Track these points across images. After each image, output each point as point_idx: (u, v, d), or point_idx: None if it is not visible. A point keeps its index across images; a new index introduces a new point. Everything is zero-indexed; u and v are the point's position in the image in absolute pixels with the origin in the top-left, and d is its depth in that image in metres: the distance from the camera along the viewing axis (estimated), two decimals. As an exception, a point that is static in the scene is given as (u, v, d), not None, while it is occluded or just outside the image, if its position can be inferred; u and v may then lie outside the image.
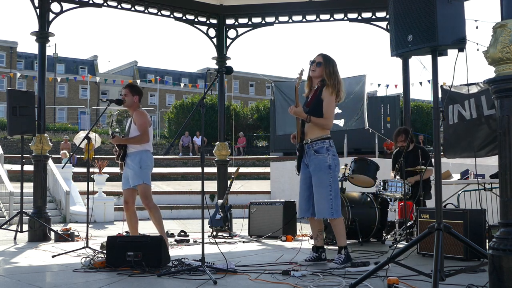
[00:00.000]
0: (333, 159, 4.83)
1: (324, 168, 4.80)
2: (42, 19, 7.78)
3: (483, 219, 5.25)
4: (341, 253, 4.83)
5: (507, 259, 3.03)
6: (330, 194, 4.78)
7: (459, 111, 7.91)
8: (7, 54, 50.04)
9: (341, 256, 4.80)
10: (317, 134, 4.86)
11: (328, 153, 4.81)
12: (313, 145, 4.86)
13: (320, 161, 4.81)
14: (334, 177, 4.82)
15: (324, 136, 4.87)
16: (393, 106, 24.46)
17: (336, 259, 4.80)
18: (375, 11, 8.89)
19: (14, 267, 5.16)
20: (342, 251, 4.83)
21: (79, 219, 12.16)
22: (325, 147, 4.82)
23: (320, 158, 4.81)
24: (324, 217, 4.89)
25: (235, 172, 8.35)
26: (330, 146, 4.85)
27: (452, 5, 3.48)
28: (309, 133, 4.89)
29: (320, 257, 4.98)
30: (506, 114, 3.15)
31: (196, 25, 9.29)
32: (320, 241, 5.03)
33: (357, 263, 4.71)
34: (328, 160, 4.80)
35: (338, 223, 4.87)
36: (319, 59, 4.93)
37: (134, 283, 4.12)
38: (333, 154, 4.85)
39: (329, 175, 4.79)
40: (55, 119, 45.23)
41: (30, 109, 7.41)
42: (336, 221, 4.85)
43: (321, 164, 4.80)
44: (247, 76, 60.13)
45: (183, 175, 19.34)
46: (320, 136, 4.85)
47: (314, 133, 4.87)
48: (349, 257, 4.83)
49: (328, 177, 4.79)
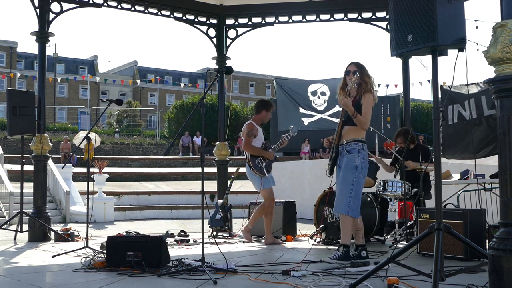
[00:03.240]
0: (361, 161, 4.98)
1: (351, 168, 4.95)
2: (42, 19, 7.77)
3: (483, 219, 5.25)
4: (339, 250, 4.92)
5: (507, 259, 3.03)
6: (350, 193, 4.91)
7: (459, 111, 7.90)
8: (7, 54, 50.03)
9: (338, 252, 4.90)
10: (352, 136, 5.04)
11: (359, 155, 4.98)
12: (347, 146, 5.04)
13: (349, 160, 4.98)
14: (358, 178, 4.95)
15: (359, 139, 5.03)
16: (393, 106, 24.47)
17: (332, 255, 4.90)
18: (375, 11, 8.89)
19: (14, 267, 5.16)
20: (341, 248, 4.93)
21: (79, 219, 12.16)
22: (357, 148, 5.00)
23: (350, 157, 4.98)
24: (340, 212, 5.00)
25: (235, 172, 8.35)
26: (362, 149, 5.02)
27: (452, 5, 3.48)
28: (345, 135, 5.09)
29: (360, 254, 5.01)
30: (506, 114, 3.15)
31: (196, 25, 9.29)
32: (358, 239, 5.09)
33: (357, 263, 4.71)
34: (357, 161, 4.96)
35: (348, 220, 4.95)
36: (352, 67, 5.09)
37: (134, 283, 4.12)
38: (363, 157, 5.00)
39: (353, 175, 4.93)
40: (55, 119, 45.22)
41: (30, 109, 7.40)
42: (346, 218, 4.94)
43: (349, 163, 4.96)
44: (247, 76, 60.13)
45: (183, 175, 19.34)
46: (354, 138, 5.03)
47: (350, 136, 5.06)
48: (347, 256, 4.87)
49: (352, 176, 4.93)
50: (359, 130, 5.04)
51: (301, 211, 9.08)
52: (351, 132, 5.05)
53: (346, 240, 4.94)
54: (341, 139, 5.10)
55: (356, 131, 5.04)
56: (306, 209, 12.09)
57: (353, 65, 5.12)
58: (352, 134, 5.05)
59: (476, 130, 7.62)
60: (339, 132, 5.12)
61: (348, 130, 5.08)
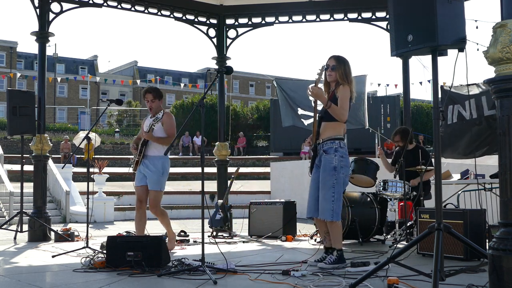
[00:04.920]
0: (339, 161, 4.77)
1: (329, 169, 4.76)
2: (42, 19, 7.77)
3: (483, 219, 5.25)
4: (333, 254, 4.78)
5: (507, 259, 3.03)
6: (333, 196, 4.75)
7: (459, 111, 7.89)
8: (7, 54, 50.04)
9: (332, 257, 4.76)
10: (329, 134, 4.83)
11: (336, 154, 4.76)
12: (323, 145, 4.84)
13: (326, 161, 4.78)
14: (338, 179, 4.76)
15: (336, 136, 4.82)
16: (393, 106, 24.48)
17: (327, 259, 4.77)
18: (375, 11, 8.89)
19: (14, 267, 5.16)
20: (335, 252, 4.78)
21: (79, 219, 12.16)
22: (334, 147, 4.78)
23: (327, 159, 4.78)
24: (324, 218, 4.82)
25: (235, 172, 8.35)
26: (339, 147, 4.79)
27: (452, 5, 3.48)
28: (322, 133, 4.87)
29: None
30: (506, 114, 3.15)
31: (196, 25, 9.29)
32: (328, 242, 4.95)
33: (357, 263, 4.70)
34: (334, 162, 4.75)
35: (336, 226, 4.81)
36: (332, 62, 4.89)
37: (134, 283, 4.12)
38: (341, 155, 4.78)
39: (333, 177, 4.75)
40: (55, 119, 45.23)
41: (30, 109, 7.41)
42: (334, 224, 4.80)
43: (327, 165, 4.77)
44: (247, 76, 60.14)
45: (183, 175, 19.34)
46: (331, 136, 4.82)
47: (326, 134, 4.84)
48: (342, 259, 4.76)
49: (332, 179, 4.75)
50: (337, 126, 4.81)
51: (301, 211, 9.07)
52: (328, 129, 4.82)
53: (338, 245, 4.80)
54: (318, 137, 4.89)
55: (333, 128, 4.81)
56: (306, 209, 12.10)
57: (333, 59, 4.90)
58: (329, 132, 4.81)
59: (475, 129, 7.61)
60: (316, 129, 4.91)
61: (325, 127, 4.84)
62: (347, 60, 4.92)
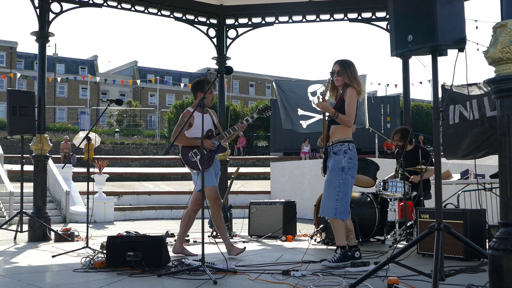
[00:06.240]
0: (348, 162, 4.91)
1: (337, 169, 4.89)
2: (42, 19, 7.77)
3: (483, 219, 5.25)
4: (336, 252, 4.86)
5: (507, 259, 3.03)
6: (337, 195, 4.85)
7: (461, 111, 7.87)
8: (7, 54, 50.04)
9: (336, 255, 4.83)
10: (338, 137, 4.98)
11: (345, 156, 4.91)
12: (333, 147, 4.98)
13: (335, 162, 4.92)
14: (345, 179, 4.89)
15: (345, 139, 4.97)
16: (393, 106, 24.49)
17: (331, 257, 4.85)
18: (375, 11, 8.89)
19: (14, 267, 5.16)
20: (338, 250, 4.86)
21: (79, 219, 12.16)
22: (343, 149, 4.93)
23: (336, 159, 4.92)
24: (327, 216, 4.96)
25: (235, 172, 8.35)
26: (348, 149, 4.94)
27: (452, 5, 3.48)
28: (332, 136, 5.02)
29: (354, 255, 4.95)
30: (506, 114, 3.15)
31: (196, 25, 9.29)
32: (350, 240, 5.02)
33: (357, 263, 4.71)
34: (343, 162, 4.89)
35: (338, 224, 4.89)
36: (337, 67, 5.03)
37: (134, 283, 4.12)
38: (349, 157, 4.93)
39: (340, 177, 4.87)
40: (55, 119, 45.25)
41: (30, 109, 7.40)
42: (336, 221, 4.88)
43: (335, 165, 4.91)
44: (247, 76, 60.14)
45: (183, 175, 19.34)
46: (340, 139, 4.97)
47: (336, 136, 4.99)
48: (346, 257, 4.81)
49: (338, 178, 4.87)
50: (345, 128, 4.98)
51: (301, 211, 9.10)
52: (337, 132, 4.99)
53: (341, 242, 4.88)
54: (328, 139, 5.06)
55: (342, 130, 4.98)
56: (306, 209, 12.11)
57: (337, 64, 5.05)
58: (338, 134, 4.99)
59: (477, 130, 7.60)
60: (326, 132, 5.07)
61: (334, 130, 5.02)
62: (351, 62, 5.07)
